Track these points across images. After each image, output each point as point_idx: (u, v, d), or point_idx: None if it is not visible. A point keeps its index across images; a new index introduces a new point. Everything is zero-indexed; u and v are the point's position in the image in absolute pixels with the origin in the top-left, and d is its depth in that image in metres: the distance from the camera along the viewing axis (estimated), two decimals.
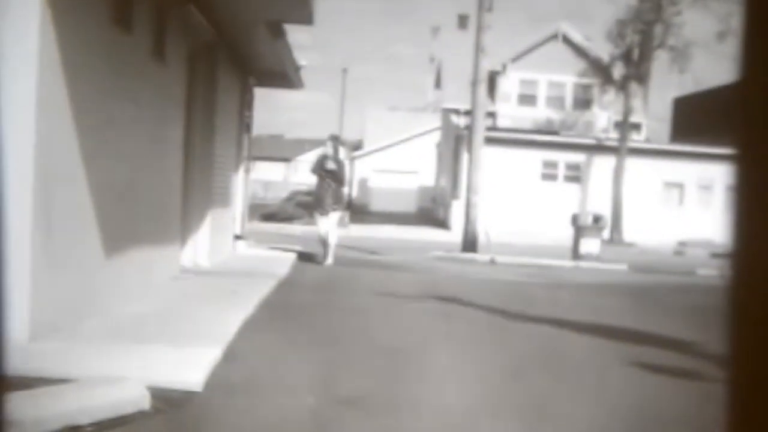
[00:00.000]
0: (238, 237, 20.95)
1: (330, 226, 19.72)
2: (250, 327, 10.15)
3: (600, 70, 48.48)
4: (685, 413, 7.55)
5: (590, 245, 26.15)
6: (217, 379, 7.41)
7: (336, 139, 20.52)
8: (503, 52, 49.11)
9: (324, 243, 19.81)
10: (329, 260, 19.72)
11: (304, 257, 20.19)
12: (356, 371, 8.46)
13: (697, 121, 47.97)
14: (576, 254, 26.13)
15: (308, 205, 21.83)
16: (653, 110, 53.04)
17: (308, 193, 35.22)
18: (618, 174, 41.56)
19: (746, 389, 1.24)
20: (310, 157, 20.25)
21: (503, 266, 23.80)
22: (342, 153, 20.64)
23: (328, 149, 19.95)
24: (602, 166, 43.30)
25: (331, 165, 19.69)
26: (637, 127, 49.83)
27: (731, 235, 1.25)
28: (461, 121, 46.23)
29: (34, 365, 6.76)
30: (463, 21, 58.64)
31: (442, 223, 47.75)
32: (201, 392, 6.96)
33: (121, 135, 10.52)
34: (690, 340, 11.24)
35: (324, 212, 19.64)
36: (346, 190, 20.70)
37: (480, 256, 26.12)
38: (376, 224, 45.26)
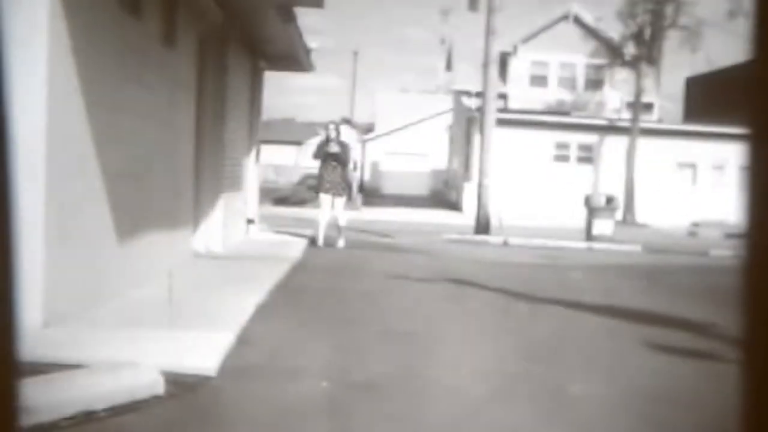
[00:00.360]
0: (250, 221, 20.95)
1: (338, 208, 19.70)
2: (263, 311, 10.18)
3: (611, 50, 48.39)
4: (700, 394, 7.55)
5: (603, 226, 26.13)
6: (231, 363, 7.42)
7: (339, 122, 20.52)
8: (514, 33, 49.13)
9: (323, 225, 19.70)
10: (340, 243, 19.74)
11: (316, 241, 20.14)
12: (370, 355, 8.46)
13: (709, 100, 47.94)
14: (589, 235, 26.12)
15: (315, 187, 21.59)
16: (665, 90, 53.00)
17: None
18: (630, 155, 41.46)
19: (760, 370, 1.23)
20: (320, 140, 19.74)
21: (516, 248, 23.79)
22: (351, 135, 20.47)
23: (331, 132, 19.74)
24: (615, 146, 43.20)
25: (333, 148, 19.50)
26: (649, 107, 49.74)
27: (745, 215, 1.24)
28: (472, 102, 46.18)
29: (48, 351, 6.78)
30: (473, 2, 58.51)
31: (455, 206, 47.70)
32: (215, 377, 6.98)
33: (132, 120, 10.53)
34: (705, 321, 11.23)
35: (328, 192, 19.59)
36: (356, 173, 20.53)
37: (493, 239, 26.11)
38: (388, 207, 45.25)
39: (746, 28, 1.25)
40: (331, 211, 19.71)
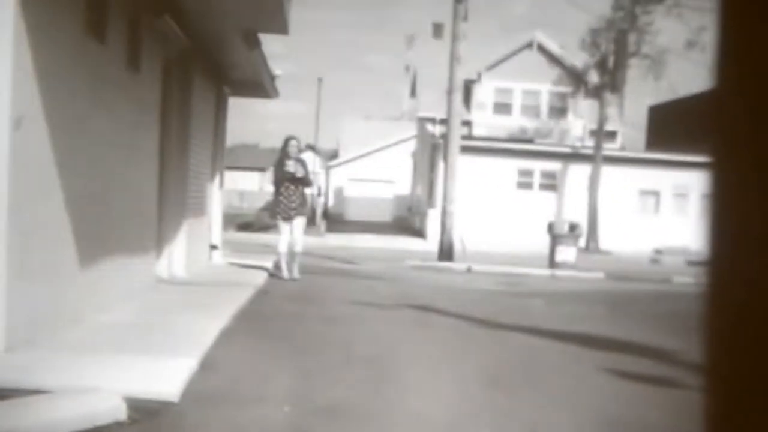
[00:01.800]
0: (213, 246, 20.89)
1: (297, 233, 17.96)
2: (226, 337, 10.14)
3: (575, 78, 48.68)
4: (662, 422, 7.57)
5: (566, 253, 26.20)
6: (193, 389, 7.39)
7: (295, 138, 18.11)
8: (478, 60, 49.22)
9: (286, 254, 18.11)
10: (295, 273, 18.17)
11: (281, 267, 20.02)
12: (333, 380, 8.45)
13: (672, 128, 48.23)
14: (552, 262, 26.19)
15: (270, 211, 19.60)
16: (629, 118, 53.31)
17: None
18: (594, 182, 41.67)
19: (722, 397, 1.24)
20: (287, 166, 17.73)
21: (480, 275, 23.82)
22: (315, 162, 19.13)
23: (291, 148, 17.85)
24: (578, 174, 43.39)
25: (296, 170, 17.62)
26: (612, 134, 50.01)
27: (707, 242, 1.25)
28: (437, 129, 46.30)
29: (10, 376, 6.73)
30: (438, 30, 58.84)
31: (419, 232, 47.76)
32: (177, 402, 6.94)
33: (96, 145, 10.49)
34: (667, 347, 11.27)
35: (289, 218, 17.79)
36: (320, 198, 19.30)
37: (456, 265, 26.14)
38: (352, 233, 45.25)
39: (707, 57, 1.26)
40: (287, 236, 18.00)
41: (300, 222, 18.08)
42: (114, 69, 11.30)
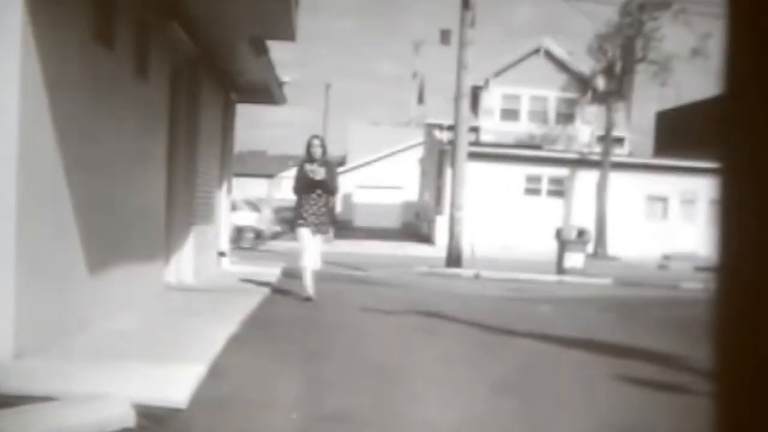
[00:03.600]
0: (221, 253, 20.89)
1: (316, 249, 15.61)
2: (235, 343, 10.13)
3: (582, 84, 48.68)
4: (672, 427, 7.56)
5: (574, 259, 26.20)
6: (202, 395, 7.38)
7: (318, 137, 15.79)
8: (486, 66, 49.27)
9: (307, 270, 15.45)
10: (310, 291, 15.31)
11: (289, 273, 19.96)
12: (341, 388, 8.44)
13: (680, 134, 48.12)
14: (560, 268, 26.17)
15: (290, 221, 17.16)
16: (636, 124, 53.30)
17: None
18: (601, 188, 41.64)
19: (732, 402, 1.24)
20: (294, 173, 15.52)
21: (488, 281, 23.80)
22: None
23: (315, 149, 15.28)
24: (586, 180, 43.38)
25: (318, 173, 15.12)
26: (620, 140, 50.02)
27: (716, 248, 1.25)
28: (444, 136, 46.34)
29: (19, 383, 6.74)
30: (445, 36, 58.88)
31: (427, 239, 47.70)
32: (186, 409, 6.93)
33: (104, 152, 10.51)
34: (676, 353, 11.25)
35: (311, 225, 15.25)
36: (336, 202, 16.44)
37: (464, 271, 26.13)
38: (360, 240, 45.23)
39: (712, 64, 1.26)
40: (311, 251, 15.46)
41: (320, 239, 15.79)
42: (122, 76, 11.32)
